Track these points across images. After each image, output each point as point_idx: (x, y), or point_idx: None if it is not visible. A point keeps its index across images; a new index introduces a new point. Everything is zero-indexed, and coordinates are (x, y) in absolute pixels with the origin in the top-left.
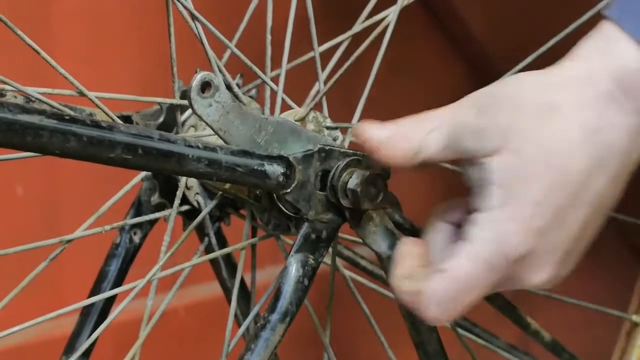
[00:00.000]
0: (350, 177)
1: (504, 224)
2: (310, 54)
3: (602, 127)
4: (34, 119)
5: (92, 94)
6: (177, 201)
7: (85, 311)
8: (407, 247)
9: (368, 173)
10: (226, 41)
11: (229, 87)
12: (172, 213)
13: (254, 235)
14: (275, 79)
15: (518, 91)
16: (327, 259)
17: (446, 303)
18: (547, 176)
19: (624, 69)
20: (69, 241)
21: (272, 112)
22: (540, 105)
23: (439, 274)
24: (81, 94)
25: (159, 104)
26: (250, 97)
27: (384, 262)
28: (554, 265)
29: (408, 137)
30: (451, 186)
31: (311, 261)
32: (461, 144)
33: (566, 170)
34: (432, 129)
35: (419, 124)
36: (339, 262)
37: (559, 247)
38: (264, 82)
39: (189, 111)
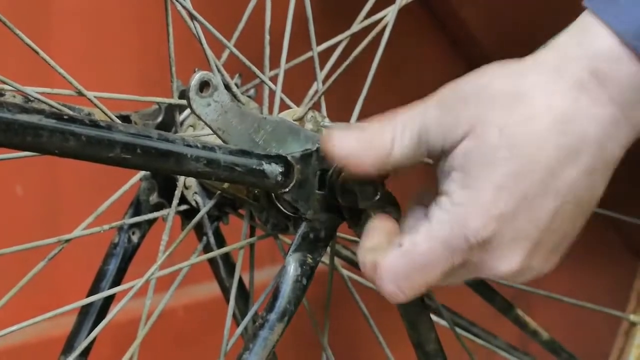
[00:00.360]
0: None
1: (464, 206)
2: (309, 54)
3: (573, 117)
4: (33, 118)
5: (90, 94)
6: (175, 201)
7: (84, 310)
8: (378, 222)
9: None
10: (225, 41)
11: (227, 87)
12: (170, 212)
13: (252, 234)
14: (273, 79)
15: (486, 81)
16: (326, 259)
17: (400, 278)
18: (512, 162)
19: (598, 58)
20: (67, 241)
21: (270, 111)
22: (508, 94)
23: (396, 249)
24: (80, 93)
25: (158, 103)
26: (249, 96)
27: None
28: (522, 254)
29: (375, 145)
30: None
31: (309, 260)
32: (429, 142)
33: (533, 157)
34: (400, 132)
35: (385, 129)
36: (337, 261)
37: (526, 236)
38: (262, 81)
39: (188, 111)
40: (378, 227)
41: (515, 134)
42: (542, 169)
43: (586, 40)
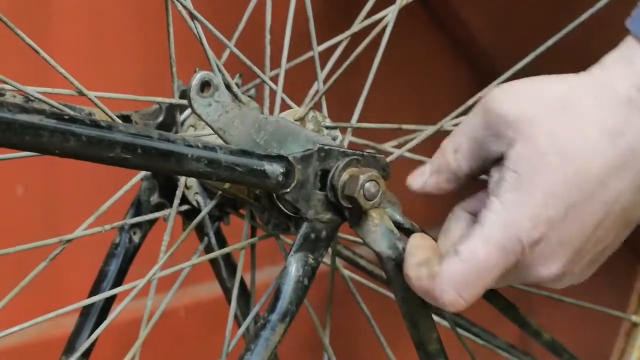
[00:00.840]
0: (349, 177)
1: (517, 208)
2: (310, 54)
3: (623, 131)
4: (34, 118)
5: (91, 94)
6: (176, 201)
7: (85, 311)
8: (419, 241)
9: (367, 173)
10: (225, 41)
11: (228, 87)
12: (171, 213)
13: (253, 235)
14: (274, 79)
15: (537, 84)
16: (327, 259)
17: (462, 284)
18: (563, 169)
19: None
20: (68, 241)
21: (271, 111)
22: (557, 99)
23: (455, 256)
24: (80, 93)
25: (159, 103)
26: (250, 96)
27: (384, 261)
28: (565, 260)
29: (441, 168)
30: None
31: (311, 261)
32: (482, 149)
33: (583, 166)
34: (456, 148)
35: (445, 150)
36: (338, 261)
37: (571, 242)
38: (263, 81)
39: (188, 111)
40: (420, 244)
41: (565, 140)
42: (591, 179)
43: (632, 61)
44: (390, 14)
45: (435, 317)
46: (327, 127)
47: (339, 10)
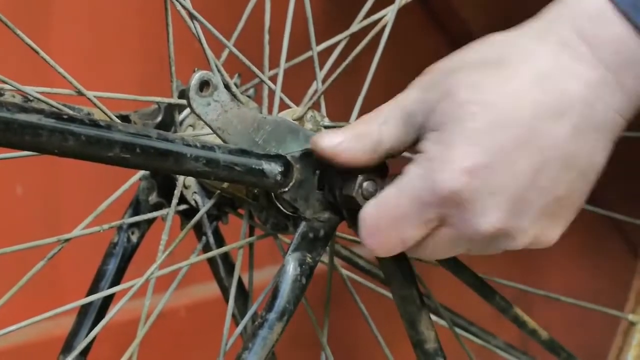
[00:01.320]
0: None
1: (435, 160)
2: (308, 54)
3: (552, 73)
4: (33, 118)
5: (90, 94)
6: (175, 200)
7: (83, 310)
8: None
9: (365, 172)
10: (224, 40)
11: (227, 87)
12: (169, 212)
13: (251, 234)
14: (273, 78)
15: (467, 54)
16: (325, 258)
17: (374, 229)
18: (485, 117)
19: (585, 17)
20: (66, 240)
21: (270, 111)
22: (487, 60)
23: (372, 200)
24: (79, 93)
25: (157, 103)
26: (249, 96)
27: (382, 261)
28: (503, 211)
29: (363, 134)
30: None
31: (309, 260)
32: (415, 121)
33: (508, 113)
34: (384, 119)
35: (371, 120)
36: (336, 261)
37: (505, 192)
38: (262, 81)
39: (187, 110)
40: None
41: (487, 89)
42: (518, 125)
43: (574, 2)
44: (389, 14)
45: (433, 317)
46: (326, 127)
47: (337, 10)
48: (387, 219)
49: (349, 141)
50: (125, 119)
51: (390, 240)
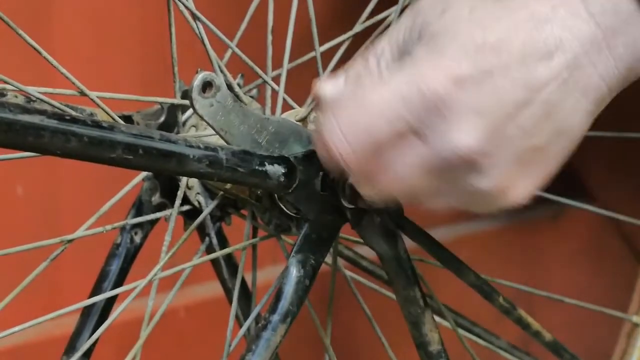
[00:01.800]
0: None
1: (424, 63)
2: (312, 54)
3: (550, 19)
4: (35, 119)
5: (93, 94)
6: (178, 201)
7: (86, 311)
8: None
9: None
10: (227, 41)
11: (230, 87)
12: (173, 213)
13: (254, 235)
14: (276, 79)
15: None
16: (328, 259)
17: (348, 122)
18: (479, 35)
19: None
20: (70, 241)
21: (273, 112)
22: None
23: (347, 95)
24: (82, 93)
25: (160, 103)
26: (251, 97)
27: (386, 262)
28: (481, 130)
29: (362, 77)
30: None
31: (312, 261)
32: (405, 45)
33: (503, 38)
34: (376, 55)
35: (366, 61)
36: (340, 262)
37: (487, 114)
38: (265, 82)
39: (190, 111)
40: None
41: (486, 13)
42: (511, 53)
43: None
44: (392, 14)
45: (436, 318)
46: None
47: (341, 10)
48: (364, 111)
49: (350, 86)
50: (127, 119)
51: (361, 136)
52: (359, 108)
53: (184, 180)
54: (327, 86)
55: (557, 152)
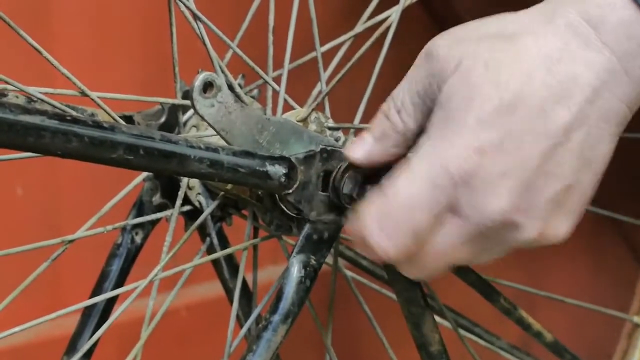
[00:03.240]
0: (351, 178)
1: (446, 140)
2: (312, 54)
3: (563, 57)
4: (36, 119)
5: (94, 94)
6: (178, 201)
7: (87, 312)
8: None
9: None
10: (228, 41)
11: (231, 88)
12: (173, 213)
13: (255, 235)
14: (277, 79)
15: (476, 25)
16: (329, 260)
17: (385, 222)
18: (496, 98)
19: (593, 1)
20: (70, 241)
21: (274, 112)
22: (497, 34)
23: (377, 194)
24: (83, 94)
25: (161, 104)
26: (252, 97)
27: (386, 262)
28: (512, 193)
29: (387, 131)
30: None
31: (313, 262)
32: (427, 101)
33: (519, 94)
34: (401, 106)
35: (389, 113)
36: (340, 262)
37: (514, 174)
38: (266, 82)
39: (191, 111)
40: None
41: (502, 70)
42: (528, 106)
43: None
44: (393, 14)
45: (437, 318)
46: (330, 128)
47: (342, 10)
48: (399, 207)
49: (378, 145)
50: (128, 119)
51: (403, 231)
52: (394, 204)
53: (184, 180)
54: (358, 150)
55: (589, 182)
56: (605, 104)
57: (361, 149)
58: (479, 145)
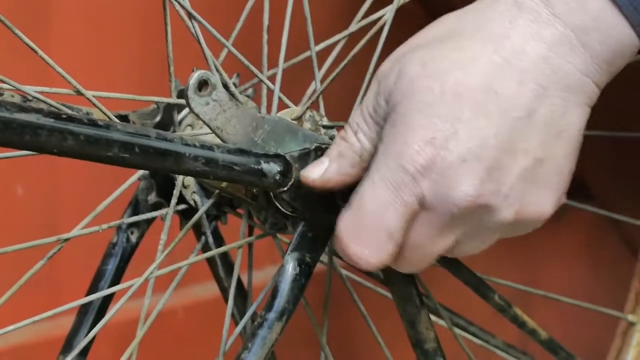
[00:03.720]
0: None
1: (396, 142)
2: (307, 53)
3: (510, 34)
4: (32, 117)
5: (89, 93)
6: (174, 200)
7: (83, 310)
8: None
9: None
10: (223, 40)
11: (225, 86)
12: (168, 212)
13: (250, 234)
14: (272, 78)
15: (421, 33)
16: (324, 258)
17: (358, 234)
18: (435, 86)
19: None
20: (66, 240)
21: (268, 110)
22: (439, 35)
23: (345, 208)
24: (78, 93)
25: (156, 103)
26: (247, 96)
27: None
28: (478, 176)
29: (344, 151)
30: None
31: (308, 259)
32: (381, 113)
33: (461, 78)
34: (357, 127)
35: (345, 134)
36: (335, 260)
37: (477, 156)
38: (260, 81)
39: (186, 110)
40: None
41: (440, 62)
42: (474, 89)
43: None
44: (387, 14)
45: (432, 317)
46: (325, 127)
47: (336, 10)
48: (367, 215)
49: (334, 164)
50: (124, 118)
51: (377, 236)
52: (362, 213)
53: (179, 179)
54: (314, 170)
55: (563, 153)
56: (563, 74)
57: (317, 170)
58: (430, 137)
